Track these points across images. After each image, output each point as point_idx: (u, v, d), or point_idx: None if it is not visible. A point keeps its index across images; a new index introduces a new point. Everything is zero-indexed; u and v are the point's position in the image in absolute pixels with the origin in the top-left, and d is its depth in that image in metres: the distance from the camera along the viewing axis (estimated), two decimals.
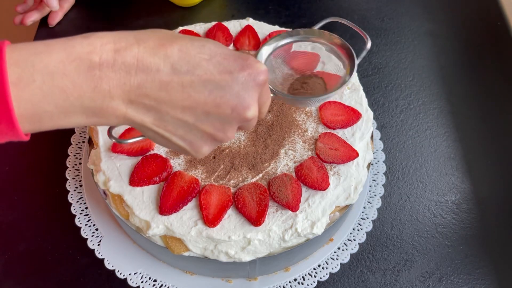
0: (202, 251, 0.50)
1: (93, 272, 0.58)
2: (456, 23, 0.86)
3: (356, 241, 0.60)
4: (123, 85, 0.32)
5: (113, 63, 0.31)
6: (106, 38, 0.32)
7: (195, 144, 0.37)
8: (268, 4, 0.88)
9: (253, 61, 0.36)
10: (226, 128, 0.36)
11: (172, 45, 0.33)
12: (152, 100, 0.33)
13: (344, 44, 0.48)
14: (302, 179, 0.53)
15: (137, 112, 0.33)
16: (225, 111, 0.35)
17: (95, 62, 0.31)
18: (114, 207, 0.53)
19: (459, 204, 0.64)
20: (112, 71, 0.31)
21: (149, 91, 0.32)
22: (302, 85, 0.50)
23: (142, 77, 0.32)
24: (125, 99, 0.32)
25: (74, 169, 0.65)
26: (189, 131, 0.35)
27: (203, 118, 0.35)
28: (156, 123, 0.34)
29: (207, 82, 0.33)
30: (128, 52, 0.32)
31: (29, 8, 0.82)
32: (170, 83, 0.33)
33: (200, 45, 0.34)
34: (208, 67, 0.34)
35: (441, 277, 0.58)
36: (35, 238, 0.60)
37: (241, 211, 0.50)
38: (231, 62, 0.34)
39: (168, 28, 0.70)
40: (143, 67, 0.32)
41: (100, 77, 0.31)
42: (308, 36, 0.49)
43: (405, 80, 0.78)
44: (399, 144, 0.70)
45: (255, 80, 0.35)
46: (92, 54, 0.31)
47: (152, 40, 0.33)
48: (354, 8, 0.88)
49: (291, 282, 0.57)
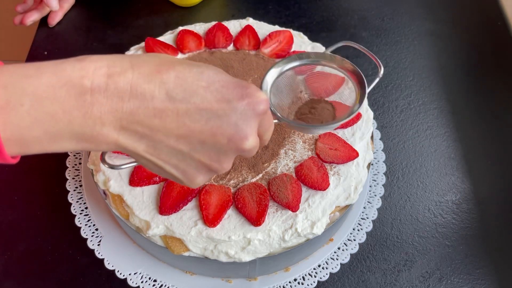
0: (202, 251, 0.50)
1: (93, 272, 0.58)
2: (456, 23, 0.86)
3: (356, 241, 0.60)
4: (115, 112, 0.31)
5: (106, 89, 0.30)
6: (100, 62, 0.31)
7: (189, 174, 0.35)
8: (268, 4, 0.88)
9: (254, 90, 0.34)
10: (222, 159, 0.35)
11: (168, 71, 0.32)
12: (145, 127, 0.32)
13: (356, 71, 0.46)
14: (302, 179, 0.53)
15: (129, 139, 0.32)
16: (221, 141, 0.33)
17: (87, 87, 0.30)
18: (114, 207, 0.53)
19: (459, 204, 0.64)
20: (104, 97, 0.30)
21: (142, 118, 0.31)
22: (310, 110, 0.49)
23: (135, 104, 0.31)
24: (116, 126, 0.31)
25: (74, 169, 0.65)
26: (183, 160, 0.34)
27: (198, 147, 0.33)
28: (149, 151, 0.33)
29: (204, 110, 0.32)
30: (122, 78, 0.31)
31: (29, 8, 0.82)
32: (165, 111, 0.32)
33: (199, 72, 0.33)
34: (205, 95, 0.32)
35: (441, 277, 0.58)
36: (35, 238, 0.60)
37: (241, 211, 0.50)
38: (230, 90, 0.33)
39: (168, 28, 0.70)
40: (137, 93, 0.31)
41: (91, 102, 0.30)
42: (318, 59, 0.47)
43: (405, 80, 0.78)
44: (399, 144, 0.70)
45: (255, 109, 0.34)
46: (83, 79, 0.30)
47: (147, 66, 0.32)
48: (354, 8, 0.88)
49: (291, 282, 0.57)
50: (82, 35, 0.82)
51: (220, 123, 0.33)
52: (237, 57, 0.64)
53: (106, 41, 0.82)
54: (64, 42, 0.81)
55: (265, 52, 0.64)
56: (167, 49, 0.64)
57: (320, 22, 0.85)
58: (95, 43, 0.81)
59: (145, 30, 0.83)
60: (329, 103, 0.50)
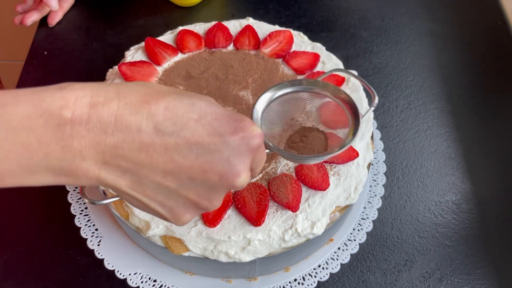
0: (202, 251, 0.50)
1: (93, 272, 0.58)
2: (456, 23, 0.86)
3: (356, 241, 0.60)
4: (97, 145, 0.29)
5: (88, 120, 0.28)
6: (82, 91, 0.29)
7: (176, 212, 0.33)
8: (268, 3, 0.88)
9: (248, 123, 0.32)
10: (212, 196, 0.33)
11: (157, 102, 0.30)
12: (129, 162, 0.30)
13: (350, 100, 0.45)
14: (302, 179, 0.53)
15: (111, 174, 0.30)
16: (212, 178, 0.31)
17: (66, 119, 0.28)
18: (114, 207, 0.53)
19: (460, 204, 0.64)
20: (85, 129, 0.28)
21: (127, 152, 0.29)
22: (301, 138, 0.48)
23: (119, 137, 0.29)
24: (98, 160, 0.29)
25: None
26: (170, 197, 0.32)
27: (187, 184, 0.31)
28: (133, 187, 0.31)
29: (194, 145, 0.30)
30: (106, 108, 0.29)
31: (29, 8, 0.82)
32: (152, 145, 0.30)
33: (190, 103, 0.31)
34: (196, 128, 0.30)
35: (442, 277, 0.58)
36: (35, 238, 0.60)
37: (241, 211, 0.50)
38: (222, 124, 0.31)
39: (168, 28, 0.70)
40: (122, 126, 0.29)
41: (71, 135, 0.28)
42: (311, 87, 0.46)
43: (405, 80, 0.78)
44: (399, 144, 0.70)
45: (248, 144, 0.32)
46: (63, 109, 0.28)
47: (135, 95, 0.30)
48: (354, 8, 0.88)
49: (291, 282, 0.57)
50: (82, 35, 0.82)
51: (212, 158, 0.31)
52: (237, 57, 0.64)
53: (106, 41, 0.82)
54: (64, 42, 0.81)
55: (265, 52, 0.64)
56: (167, 49, 0.64)
57: (320, 22, 0.85)
58: (95, 43, 0.81)
59: (145, 30, 0.83)
60: (321, 132, 0.48)
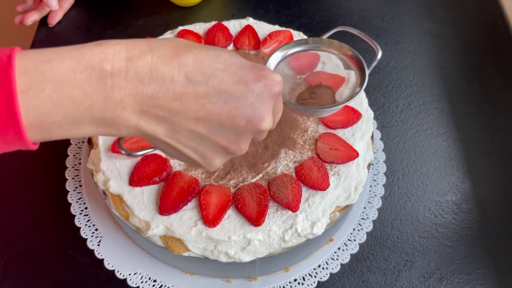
0: (202, 251, 0.50)
1: (92, 272, 0.58)
2: (456, 23, 0.86)
3: (356, 241, 0.60)
4: (135, 95, 0.31)
5: (126, 72, 0.30)
6: (119, 46, 0.31)
7: (208, 157, 0.36)
8: (268, 3, 0.88)
9: (269, 72, 0.35)
10: (240, 140, 0.35)
11: (186, 54, 0.32)
12: (165, 111, 0.32)
13: (355, 55, 0.47)
14: (302, 179, 0.53)
15: (149, 123, 0.32)
16: (239, 122, 0.34)
17: (107, 71, 0.30)
18: (114, 207, 0.53)
19: (460, 204, 0.64)
20: (124, 81, 0.30)
21: (162, 101, 0.31)
22: (310, 95, 0.49)
23: (155, 87, 0.31)
24: (137, 110, 0.31)
25: (74, 169, 0.64)
26: (202, 143, 0.34)
27: (217, 129, 0.34)
28: (169, 135, 0.33)
29: (222, 92, 0.33)
30: (141, 61, 0.31)
31: (29, 8, 0.82)
32: (184, 94, 0.32)
33: (215, 55, 0.33)
34: (223, 77, 0.33)
35: (442, 278, 0.58)
36: (35, 238, 0.60)
37: (241, 211, 0.50)
38: (246, 73, 0.34)
39: (168, 28, 0.70)
40: (157, 76, 0.31)
41: (111, 86, 0.30)
42: (317, 45, 0.48)
43: (406, 80, 0.78)
44: (400, 144, 0.70)
45: (271, 91, 0.34)
46: (103, 63, 0.30)
47: (166, 49, 0.32)
48: (354, 8, 0.88)
49: (291, 282, 0.57)
50: (82, 35, 0.82)
51: (238, 104, 0.33)
52: None
53: None
54: (64, 42, 0.81)
55: (265, 52, 0.64)
56: None
57: (320, 22, 0.85)
58: None
59: (145, 30, 0.83)
60: (328, 87, 0.50)
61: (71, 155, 0.66)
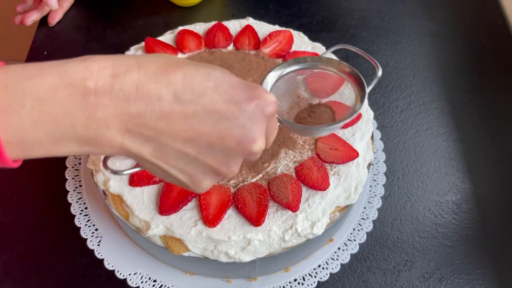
0: (202, 251, 0.50)
1: (92, 272, 0.58)
2: (456, 23, 0.86)
3: (356, 241, 0.60)
4: (120, 114, 0.29)
5: (110, 90, 0.29)
6: (105, 62, 0.30)
7: (196, 178, 0.34)
8: (268, 3, 0.88)
9: (262, 91, 0.33)
10: (230, 162, 0.34)
11: (175, 71, 0.31)
12: (151, 130, 0.31)
13: (354, 72, 0.46)
14: (302, 179, 0.53)
15: (134, 142, 0.31)
16: (230, 144, 0.32)
17: (90, 88, 0.29)
18: (114, 207, 0.53)
19: (460, 204, 0.64)
20: (108, 99, 0.29)
21: (148, 120, 0.30)
22: (309, 113, 0.49)
23: (141, 106, 0.30)
24: (121, 129, 0.30)
25: (74, 169, 0.64)
26: (190, 164, 0.33)
27: (206, 150, 0.32)
28: (155, 155, 0.32)
29: (212, 112, 0.31)
30: (128, 78, 0.29)
31: (29, 7, 0.82)
32: (172, 113, 0.30)
33: (206, 73, 0.32)
34: (213, 96, 0.31)
35: (442, 278, 0.58)
36: (35, 238, 0.60)
37: (241, 211, 0.50)
38: (238, 92, 0.32)
39: (168, 28, 0.70)
40: (143, 94, 0.30)
41: (95, 104, 0.29)
42: (316, 63, 0.47)
43: (406, 80, 0.78)
44: (400, 144, 0.70)
45: (264, 111, 0.33)
46: (87, 80, 0.29)
47: (154, 65, 0.31)
48: (354, 8, 0.88)
49: (291, 282, 0.57)
50: (82, 35, 0.82)
51: (229, 125, 0.32)
52: (237, 57, 0.64)
53: (106, 41, 0.81)
54: (64, 41, 0.81)
55: (265, 52, 0.64)
56: (167, 49, 0.64)
57: (320, 22, 0.85)
58: (95, 42, 0.81)
59: (145, 30, 0.83)
60: (328, 106, 0.49)
61: (71, 155, 0.66)
